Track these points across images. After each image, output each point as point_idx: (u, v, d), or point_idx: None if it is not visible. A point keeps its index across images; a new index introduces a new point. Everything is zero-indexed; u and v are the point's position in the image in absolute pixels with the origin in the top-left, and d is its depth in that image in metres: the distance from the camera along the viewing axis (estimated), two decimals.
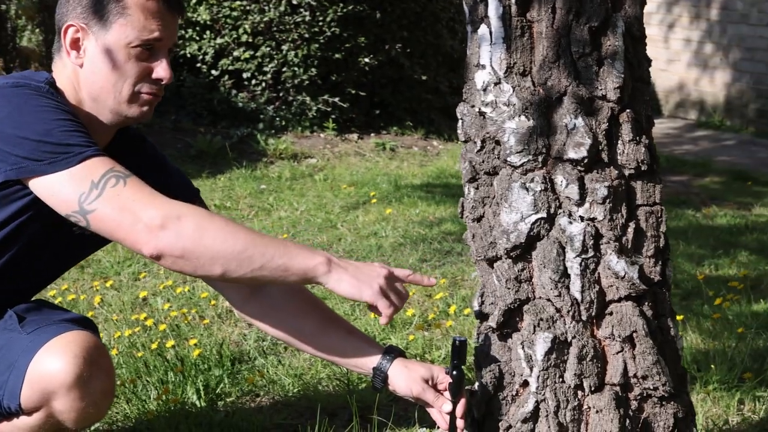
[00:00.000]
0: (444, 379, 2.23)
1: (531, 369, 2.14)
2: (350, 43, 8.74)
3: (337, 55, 8.68)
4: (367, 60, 8.81)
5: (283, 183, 7.08)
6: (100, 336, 3.48)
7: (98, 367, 2.18)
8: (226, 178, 7.13)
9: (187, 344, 3.41)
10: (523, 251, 2.12)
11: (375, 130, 9.06)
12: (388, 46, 9.02)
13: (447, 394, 2.20)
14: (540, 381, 2.13)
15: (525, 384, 2.17)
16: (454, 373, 2.14)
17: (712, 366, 3.25)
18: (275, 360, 3.41)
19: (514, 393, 2.19)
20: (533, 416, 2.15)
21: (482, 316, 2.21)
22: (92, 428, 2.83)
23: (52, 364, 2.13)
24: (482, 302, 2.21)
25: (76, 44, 2.16)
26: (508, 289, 2.14)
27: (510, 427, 2.21)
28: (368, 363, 2.26)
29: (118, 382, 3.06)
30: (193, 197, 2.37)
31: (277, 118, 8.64)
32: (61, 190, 2.01)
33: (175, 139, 8.10)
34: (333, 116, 8.75)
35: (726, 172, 8.22)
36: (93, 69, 2.15)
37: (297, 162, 7.85)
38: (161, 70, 2.16)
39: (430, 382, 2.25)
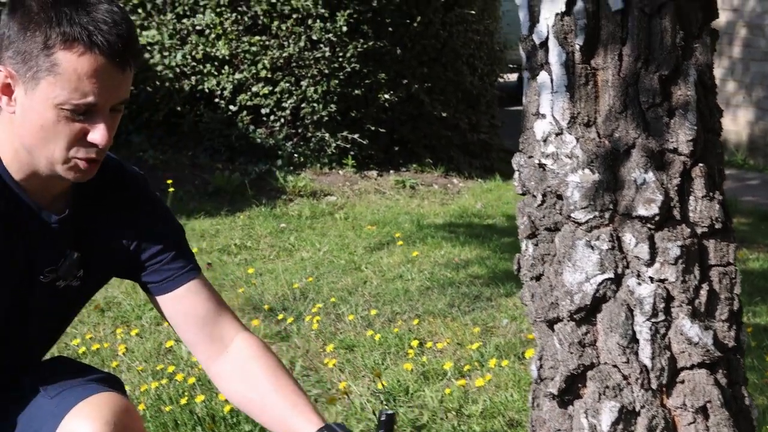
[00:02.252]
0: None
1: None
2: (370, 79, 8.67)
3: (356, 91, 8.60)
4: (386, 96, 8.73)
5: (304, 221, 6.97)
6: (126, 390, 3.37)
7: (130, 430, 2.06)
8: (245, 216, 7.01)
9: (217, 399, 3.27)
10: (587, 313, 1.99)
11: (394, 167, 8.95)
12: (408, 82, 8.94)
13: None
14: None
15: None
16: None
17: None
18: None
19: None
20: None
21: (540, 381, 2.08)
22: None
23: (82, 430, 2.00)
24: (541, 366, 2.08)
25: (6, 90, 1.87)
26: (571, 353, 2.00)
27: None
28: None
29: None
30: (188, 278, 2.07)
31: (296, 155, 8.55)
32: None
33: (193, 175, 8.01)
34: (352, 153, 8.66)
35: (752, 213, 8.09)
36: (23, 122, 1.87)
37: (316, 199, 7.74)
38: (97, 134, 1.83)
39: None
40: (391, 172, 8.84)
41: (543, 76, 2.04)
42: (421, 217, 7.22)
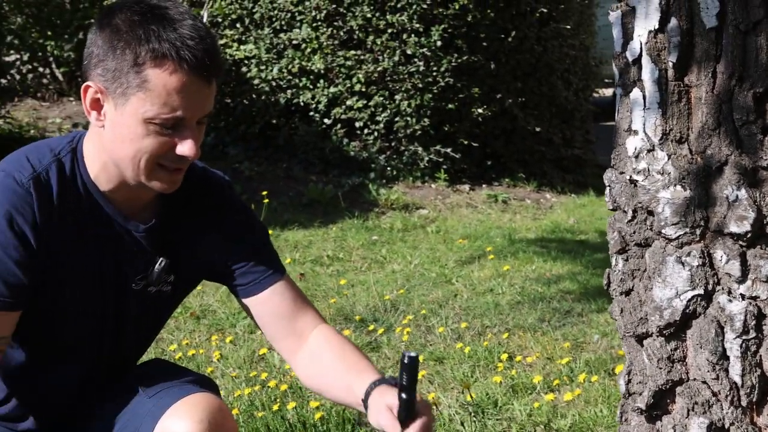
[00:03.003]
0: (394, 402, 1.86)
1: None
2: (464, 94, 8.70)
3: (450, 106, 8.64)
4: (480, 111, 8.75)
5: (395, 234, 7.02)
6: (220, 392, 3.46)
7: (225, 429, 2.12)
8: (338, 227, 7.10)
9: (308, 406, 3.34)
10: (677, 329, 1.99)
11: (487, 181, 8.96)
12: (502, 96, 8.95)
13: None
14: None
15: None
16: (403, 395, 1.81)
17: None
18: None
19: None
20: None
21: (629, 395, 2.09)
22: None
23: (178, 429, 2.08)
24: (629, 380, 2.08)
25: (96, 105, 1.94)
26: (660, 368, 2.01)
27: None
28: (360, 392, 2.00)
29: None
30: (273, 280, 2.14)
31: (389, 168, 8.62)
32: None
33: (287, 187, 8.14)
34: (445, 167, 8.70)
35: None
36: (112, 136, 1.94)
37: (408, 212, 7.79)
38: (186, 147, 1.91)
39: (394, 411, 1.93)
40: (484, 186, 8.85)
41: (636, 93, 2.05)
42: (513, 231, 7.22)
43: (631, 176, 2.07)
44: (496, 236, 6.93)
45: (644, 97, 2.04)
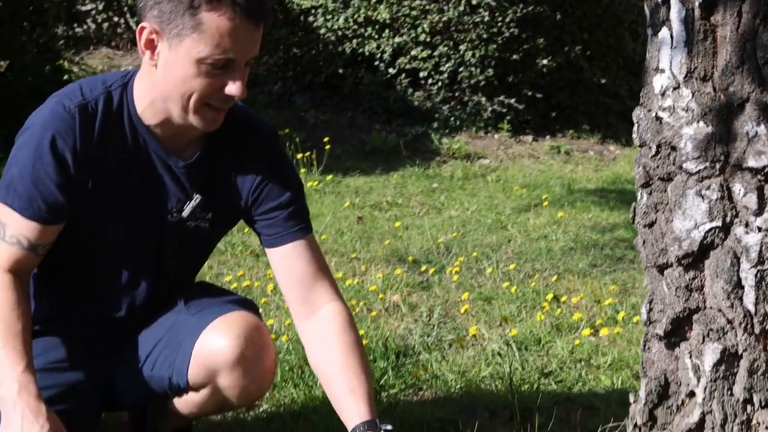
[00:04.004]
0: None
1: (698, 380, 2.10)
2: (528, 45, 8.71)
3: (514, 56, 8.66)
4: (545, 62, 8.76)
5: (455, 182, 7.12)
6: (268, 320, 3.62)
7: (260, 347, 2.26)
8: (399, 175, 7.22)
9: None
10: (695, 259, 2.08)
11: (550, 132, 8.99)
12: (568, 48, 8.94)
13: None
14: (707, 392, 2.08)
15: (691, 394, 2.13)
16: None
17: None
18: (439, 356, 3.45)
19: (679, 403, 2.16)
20: (698, 428, 2.11)
21: (650, 323, 2.18)
22: (261, 410, 2.94)
23: (216, 344, 2.23)
24: (651, 309, 2.18)
25: (150, 45, 2.05)
26: (678, 297, 2.10)
27: None
28: (349, 426, 2.14)
29: (287, 368, 3.17)
30: (295, 237, 2.25)
31: (452, 118, 8.69)
32: None
33: (351, 136, 8.28)
34: (508, 117, 8.74)
35: None
36: (164, 74, 2.06)
37: (470, 162, 7.88)
38: (234, 87, 2.04)
39: None
40: (547, 137, 8.88)
41: (664, 32, 2.13)
42: (573, 181, 7.26)
43: (656, 113, 2.15)
44: (555, 186, 6.99)
45: (671, 37, 2.11)
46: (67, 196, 2.10)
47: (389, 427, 2.01)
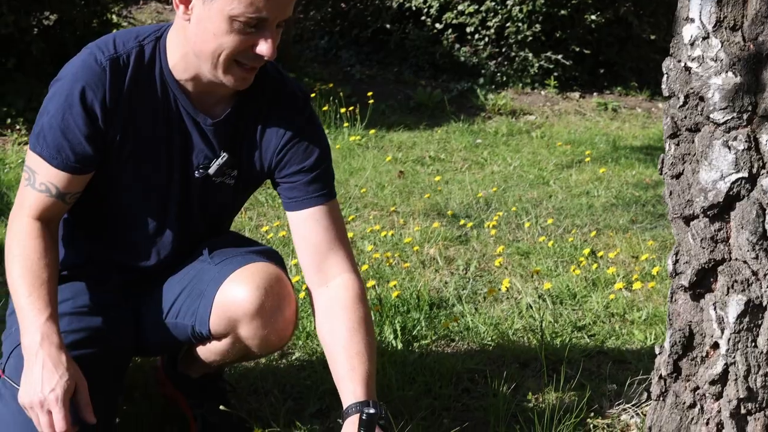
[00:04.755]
0: None
1: (722, 331, 2.09)
2: (577, 0, 8.60)
3: (562, 12, 8.57)
4: (593, 17, 8.66)
5: (499, 138, 7.10)
6: (289, 269, 3.65)
7: (280, 298, 2.28)
8: (442, 130, 7.21)
9: (387, 286, 3.52)
10: (720, 211, 2.07)
11: (598, 89, 8.90)
12: (617, 3, 8.82)
13: None
14: (731, 344, 2.08)
15: (715, 346, 2.12)
16: None
17: None
18: (473, 308, 3.47)
19: (703, 354, 2.16)
20: (722, 379, 2.11)
21: (676, 275, 2.18)
22: (293, 358, 2.99)
23: (237, 294, 2.26)
24: (676, 260, 2.18)
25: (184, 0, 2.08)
26: (703, 248, 2.09)
27: (697, 388, 2.17)
28: (344, 404, 2.14)
29: None
30: (315, 203, 2.25)
31: (498, 74, 8.64)
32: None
33: (397, 91, 8.26)
34: (555, 74, 8.67)
35: None
36: (197, 30, 2.07)
37: (515, 118, 7.84)
38: (265, 47, 2.05)
39: None
40: (594, 94, 8.80)
41: None
42: (619, 138, 7.20)
43: (686, 63, 2.13)
44: (600, 143, 6.94)
45: None
46: (95, 147, 2.13)
47: (372, 411, 1.98)
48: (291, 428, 2.53)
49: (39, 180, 2.15)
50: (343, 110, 7.10)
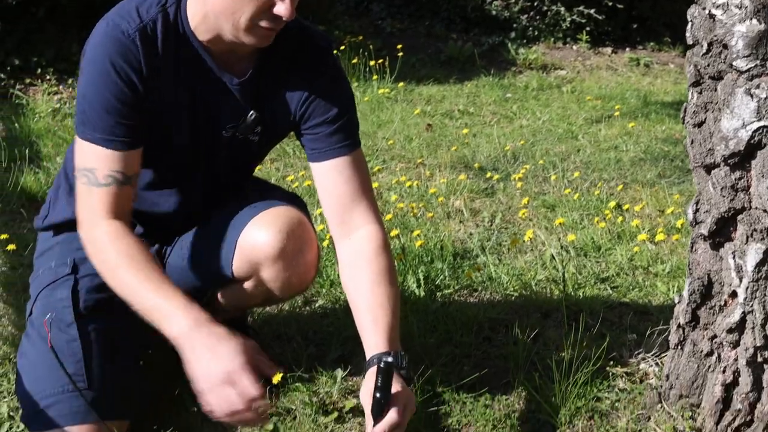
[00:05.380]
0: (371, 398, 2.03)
1: (740, 280, 2.10)
2: None
3: None
4: None
5: (529, 93, 7.06)
6: (314, 219, 3.68)
7: (302, 242, 2.31)
8: (472, 84, 7.19)
9: (411, 235, 3.54)
10: (741, 159, 2.06)
11: (630, 44, 8.82)
12: None
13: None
14: (749, 293, 2.08)
15: (734, 294, 2.13)
16: (377, 395, 2.01)
17: None
18: (496, 259, 3.48)
19: (722, 303, 2.16)
20: (739, 327, 2.12)
21: (696, 224, 2.18)
22: (317, 305, 3.02)
23: (259, 237, 2.29)
24: (697, 209, 2.18)
25: None
26: (723, 197, 2.09)
27: (715, 336, 2.18)
28: (367, 356, 2.15)
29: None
30: (337, 154, 2.25)
31: (530, 28, 8.58)
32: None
33: (427, 44, 8.23)
34: (587, 28, 8.59)
35: None
36: None
37: (546, 73, 7.80)
38: (283, 8, 2.03)
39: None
40: (627, 49, 8.72)
41: None
42: (650, 94, 7.14)
43: (710, 11, 2.11)
44: (630, 98, 6.89)
45: None
46: (139, 116, 2.12)
47: (389, 360, 2.00)
48: (313, 373, 2.56)
49: (101, 173, 2.10)
50: (372, 63, 7.08)
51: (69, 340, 2.21)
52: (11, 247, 3.36)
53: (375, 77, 6.96)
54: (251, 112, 2.26)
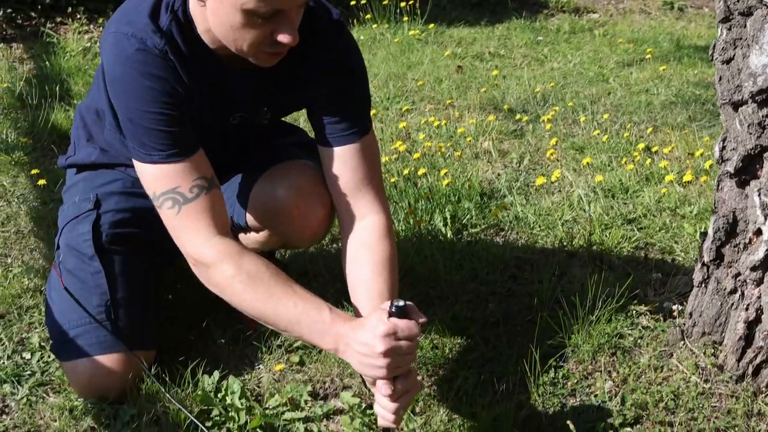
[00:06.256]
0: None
1: (765, 218, 2.10)
2: None
3: None
4: None
5: (561, 36, 7.00)
6: None
7: (313, 195, 2.30)
8: (504, 27, 7.13)
9: (438, 174, 3.55)
10: None
11: None
12: None
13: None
14: None
15: (758, 232, 2.13)
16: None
17: None
18: (523, 199, 3.49)
19: (746, 241, 2.17)
20: (763, 265, 2.12)
21: (722, 161, 2.18)
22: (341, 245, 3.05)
23: (270, 191, 2.34)
24: (723, 147, 2.17)
25: None
26: (750, 134, 2.08)
27: (739, 274, 2.19)
28: None
29: None
30: (344, 141, 2.20)
31: None
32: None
33: None
34: None
35: None
36: (213, 18, 2.00)
37: (578, 16, 7.72)
38: (284, 36, 1.94)
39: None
40: None
41: None
42: (683, 38, 7.05)
43: None
44: (663, 41, 6.81)
45: None
46: (185, 119, 2.06)
47: (401, 303, 1.95)
48: (338, 308, 2.59)
49: (185, 188, 2.04)
50: (402, 4, 7.04)
51: (93, 272, 2.26)
52: (42, 182, 3.41)
53: (406, 18, 6.92)
54: (263, 107, 2.28)
